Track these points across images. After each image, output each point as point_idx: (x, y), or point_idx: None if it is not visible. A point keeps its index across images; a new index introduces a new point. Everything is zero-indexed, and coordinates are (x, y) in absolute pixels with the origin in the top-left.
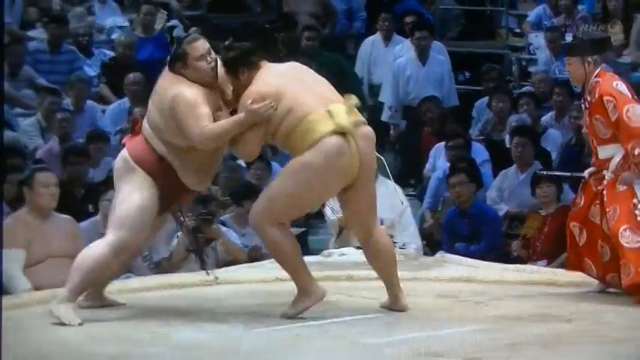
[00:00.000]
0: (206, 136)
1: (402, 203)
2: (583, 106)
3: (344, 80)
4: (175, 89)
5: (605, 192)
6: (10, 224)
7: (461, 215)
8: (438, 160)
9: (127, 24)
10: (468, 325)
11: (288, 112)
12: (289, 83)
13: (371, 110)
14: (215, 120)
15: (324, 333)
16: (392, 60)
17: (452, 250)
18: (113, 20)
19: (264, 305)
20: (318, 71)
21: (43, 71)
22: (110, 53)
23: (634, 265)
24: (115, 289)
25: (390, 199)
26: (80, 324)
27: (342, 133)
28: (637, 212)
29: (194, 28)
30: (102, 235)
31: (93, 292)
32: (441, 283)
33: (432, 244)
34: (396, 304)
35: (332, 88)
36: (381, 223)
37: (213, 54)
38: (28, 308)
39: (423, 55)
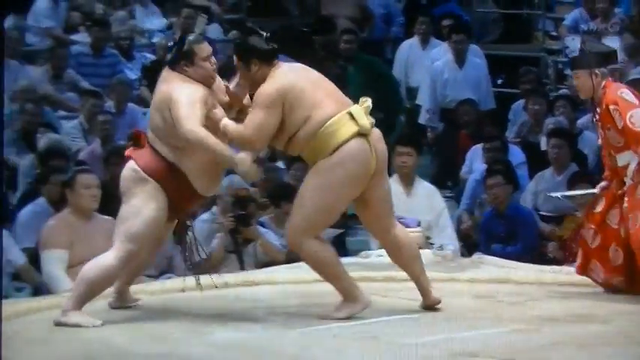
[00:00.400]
0: (190, 135)
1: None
2: (594, 119)
3: (381, 83)
4: (178, 85)
5: (626, 198)
6: (53, 225)
7: (497, 217)
8: (474, 162)
9: (166, 28)
10: (504, 325)
11: (308, 118)
12: (306, 85)
13: (408, 113)
14: (210, 117)
15: (362, 333)
16: (429, 63)
17: (488, 252)
18: (154, 24)
19: (302, 305)
20: (356, 74)
21: (86, 74)
22: (151, 56)
23: None
24: (156, 289)
25: (427, 200)
26: (102, 324)
27: (363, 134)
28: None
29: (233, 32)
30: None
31: (121, 292)
32: (478, 284)
33: (469, 245)
34: (428, 299)
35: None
36: (419, 224)
37: (214, 58)
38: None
39: (460, 58)
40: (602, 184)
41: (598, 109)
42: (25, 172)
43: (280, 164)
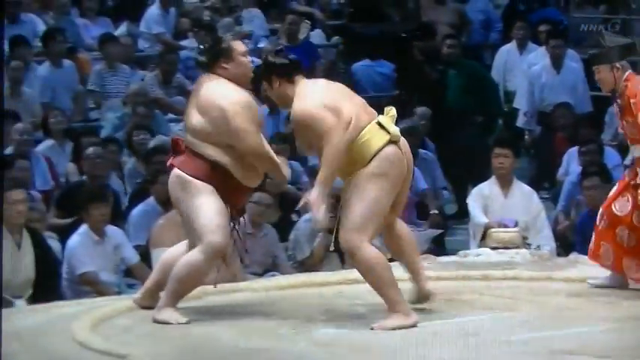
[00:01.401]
0: (254, 150)
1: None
2: (615, 109)
3: (482, 87)
4: (224, 90)
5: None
6: (163, 224)
7: (593, 217)
8: (571, 164)
9: (270, 33)
10: (600, 324)
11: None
12: (336, 99)
13: (506, 116)
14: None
15: (461, 330)
16: (526, 67)
17: (584, 252)
18: (259, 30)
19: None
20: (457, 78)
21: (194, 78)
22: (257, 61)
23: None
24: (260, 286)
25: (525, 202)
26: (187, 322)
27: (394, 141)
28: None
29: (336, 37)
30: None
31: (153, 291)
32: (573, 283)
33: (566, 245)
34: (422, 292)
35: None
36: (516, 224)
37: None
38: (182, 302)
39: (557, 62)
40: None
41: (619, 101)
42: (131, 172)
43: None
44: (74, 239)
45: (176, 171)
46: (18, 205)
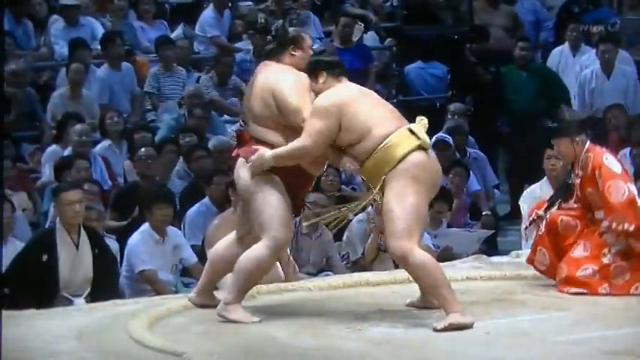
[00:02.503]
0: (301, 125)
1: None
2: (574, 181)
3: (553, 90)
4: (282, 73)
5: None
6: (217, 224)
7: None
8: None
9: (324, 35)
10: None
11: (367, 133)
12: (364, 101)
13: None
14: None
15: (514, 330)
16: (579, 70)
17: None
18: (313, 32)
19: None
20: (530, 81)
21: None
22: None
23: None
24: (314, 285)
25: None
26: (259, 321)
27: (423, 149)
28: (603, 259)
29: (389, 40)
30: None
31: (206, 289)
32: None
33: None
34: (428, 301)
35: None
36: None
37: None
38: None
39: (608, 66)
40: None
41: (580, 172)
42: (180, 174)
43: None
44: (135, 237)
45: (241, 159)
46: (74, 205)
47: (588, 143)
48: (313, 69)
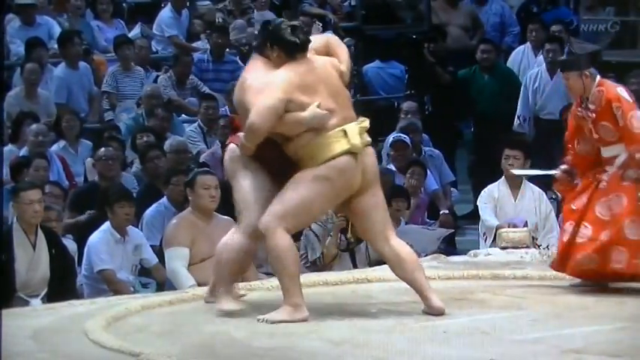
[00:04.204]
0: (248, 128)
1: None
2: (582, 114)
3: (514, 89)
4: (256, 70)
5: (605, 183)
6: (176, 224)
7: None
8: None
9: None
10: (609, 323)
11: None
12: (319, 91)
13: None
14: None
15: (472, 329)
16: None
17: None
18: None
19: (413, 302)
20: (493, 83)
21: (207, 80)
22: None
23: (630, 256)
24: (272, 284)
25: (535, 203)
26: (240, 309)
27: (353, 152)
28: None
29: (347, 39)
30: None
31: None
32: None
33: None
34: (432, 308)
35: (349, 97)
36: (525, 225)
37: None
38: (192, 303)
39: (553, 67)
40: (563, 166)
41: (592, 106)
42: (137, 174)
43: (392, 167)
44: (96, 236)
45: (231, 145)
46: (34, 204)
47: (598, 77)
48: (270, 42)
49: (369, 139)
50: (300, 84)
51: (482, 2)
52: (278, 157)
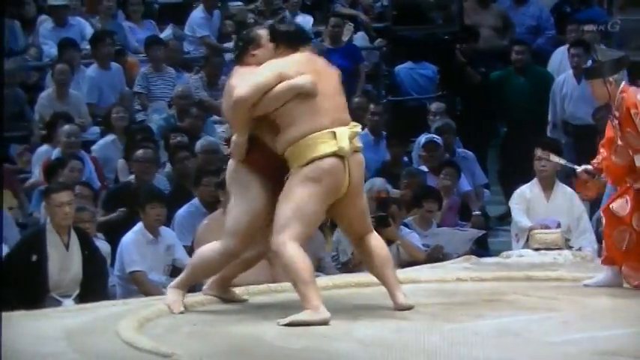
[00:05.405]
0: (234, 103)
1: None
2: (612, 122)
3: (549, 91)
4: (241, 75)
5: None
6: (207, 224)
7: None
8: None
9: (315, 36)
10: None
11: (302, 119)
12: (318, 90)
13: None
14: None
15: (503, 331)
16: None
17: None
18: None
19: (444, 304)
20: (527, 85)
21: None
22: None
23: None
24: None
25: (567, 204)
26: (181, 312)
27: (340, 156)
28: None
29: (379, 40)
30: None
31: (219, 283)
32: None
33: None
34: (397, 304)
35: (344, 100)
36: (558, 226)
37: None
38: (223, 304)
39: (578, 71)
40: (588, 167)
41: (617, 113)
42: (169, 174)
43: (424, 168)
44: (128, 237)
45: (230, 161)
46: (64, 207)
47: (624, 83)
48: (274, 40)
49: (359, 144)
50: (297, 69)
51: (522, 2)
52: (271, 165)
